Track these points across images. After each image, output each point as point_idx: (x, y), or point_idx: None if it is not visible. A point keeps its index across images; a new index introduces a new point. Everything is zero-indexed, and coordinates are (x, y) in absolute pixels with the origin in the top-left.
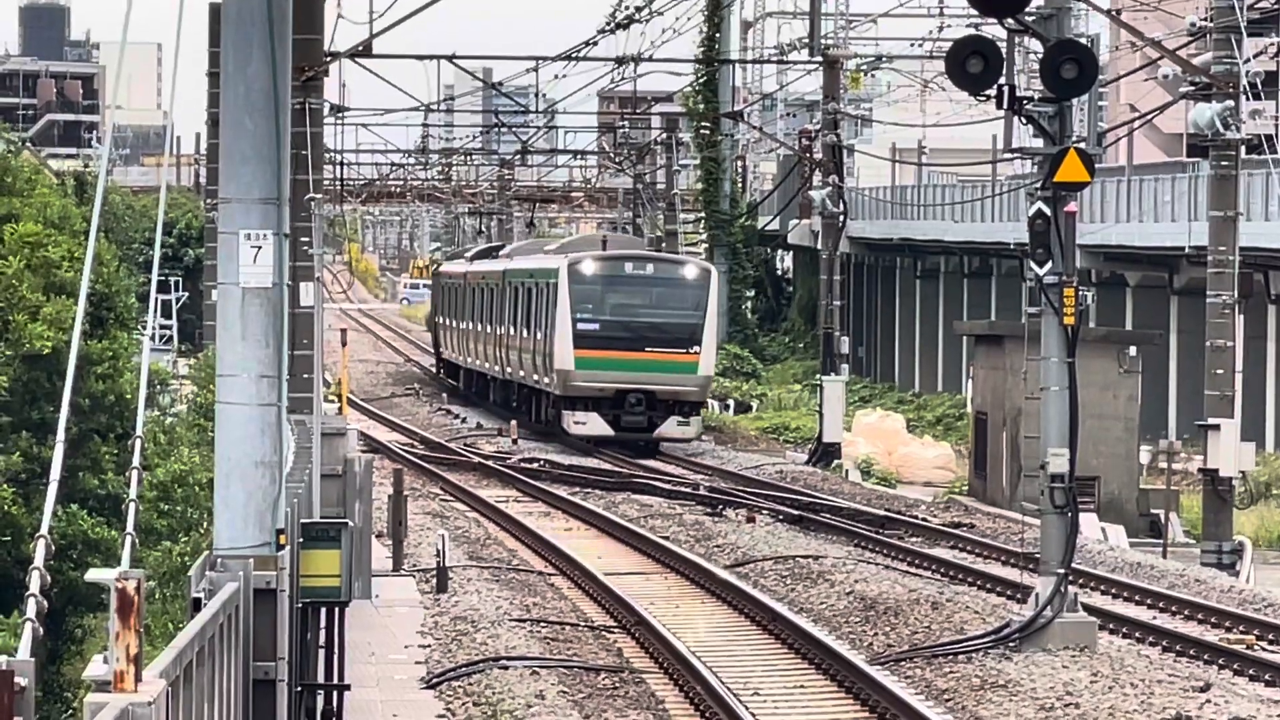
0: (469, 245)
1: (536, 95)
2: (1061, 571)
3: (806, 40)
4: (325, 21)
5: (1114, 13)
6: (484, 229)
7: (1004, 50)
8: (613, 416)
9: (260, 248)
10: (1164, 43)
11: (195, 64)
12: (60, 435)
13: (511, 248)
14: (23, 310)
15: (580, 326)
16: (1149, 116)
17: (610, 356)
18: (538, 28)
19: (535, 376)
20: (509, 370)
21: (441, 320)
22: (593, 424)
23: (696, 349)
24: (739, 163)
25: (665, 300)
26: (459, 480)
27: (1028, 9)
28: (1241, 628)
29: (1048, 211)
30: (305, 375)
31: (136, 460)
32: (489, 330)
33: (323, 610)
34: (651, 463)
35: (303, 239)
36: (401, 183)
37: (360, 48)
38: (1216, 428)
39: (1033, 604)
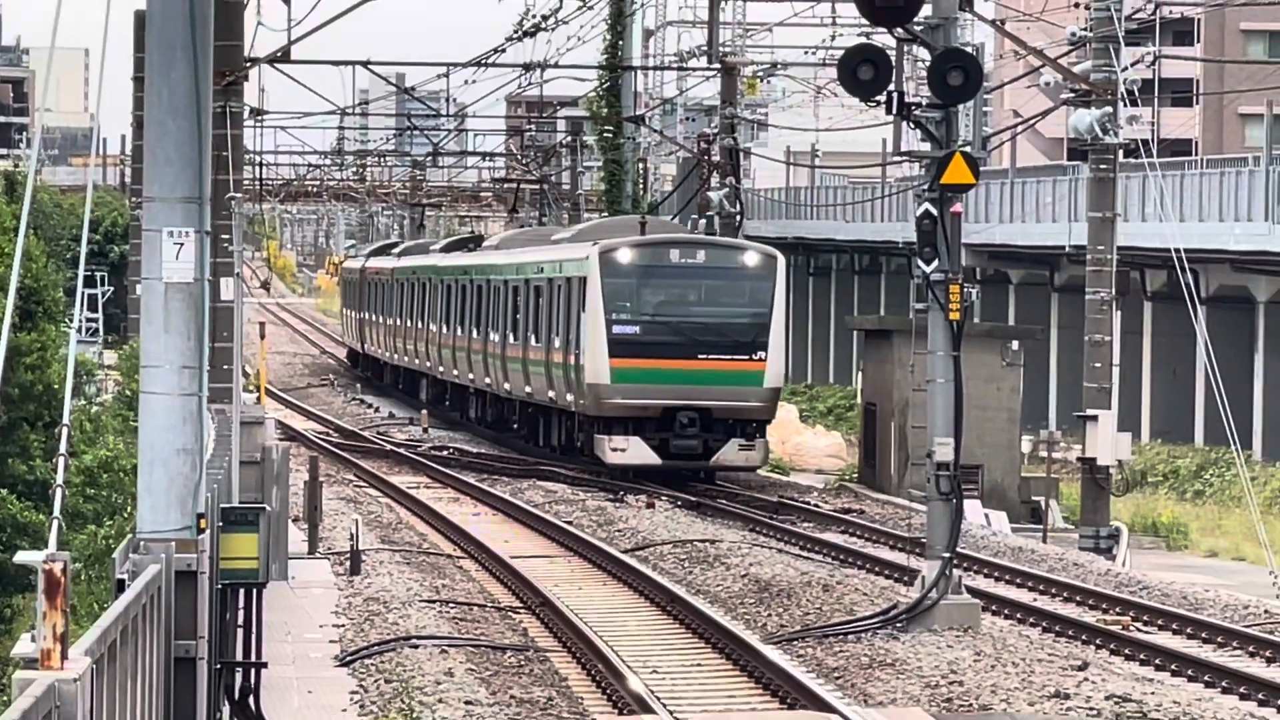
0: (415, 239)
1: (447, 100)
2: (946, 555)
3: (705, 48)
4: (245, 28)
5: (998, 23)
6: (423, 223)
7: (893, 58)
8: (659, 441)
9: (182, 244)
10: (1046, 51)
11: (121, 69)
12: None
13: (500, 238)
14: None
15: (617, 330)
16: (1031, 122)
17: (655, 366)
18: (449, 35)
19: (552, 393)
20: (506, 385)
21: (396, 322)
22: (634, 450)
23: (762, 355)
24: (640, 164)
25: (721, 295)
26: (372, 467)
27: (916, 19)
28: (1118, 609)
29: (934, 212)
30: (225, 366)
31: (63, 447)
32: (474, 337)
33: (241, 591)
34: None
35: (223, 236)
36: (318, 183)
37: (279, 54)
38: (1094, 418)
39: (919, 586)
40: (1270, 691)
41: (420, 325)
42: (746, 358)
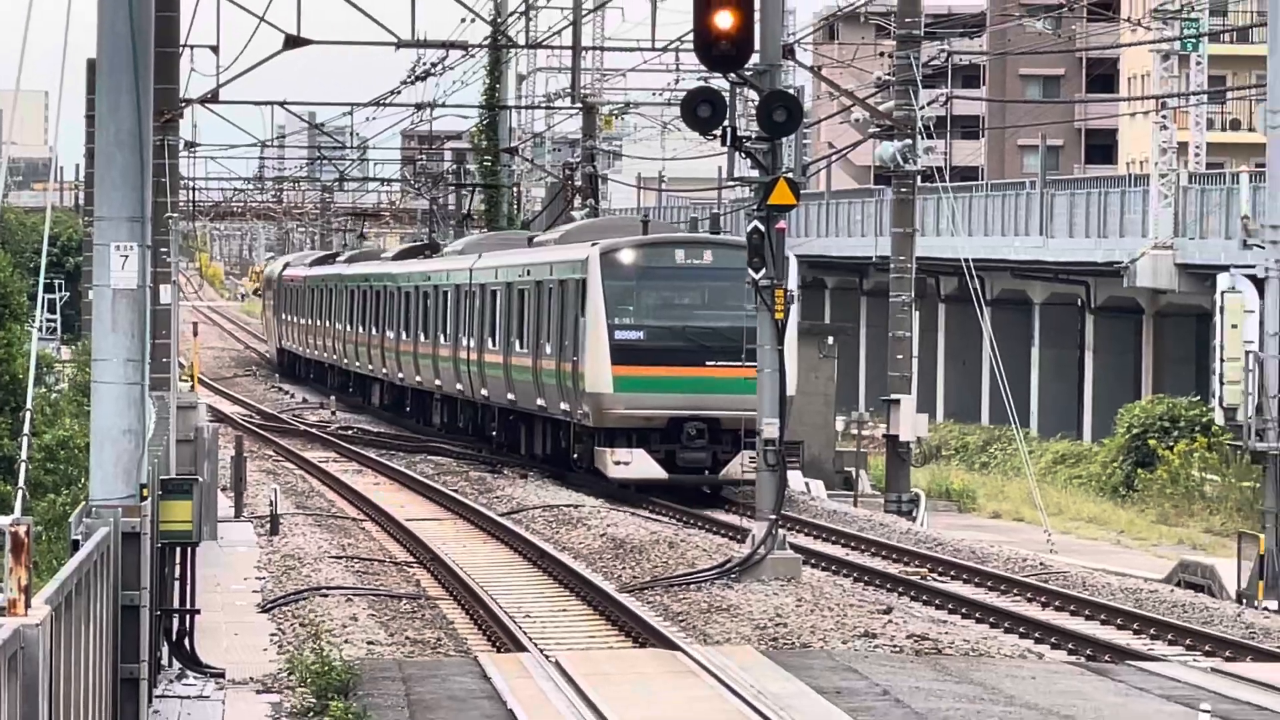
0: (378, 247)
1: (351, 133)
2: (773, 517)
3: (569, 90)
4: (181, 73)
5: (816, 69)
6: (364, 234)
7: (728, 98)
8: (665, 453)
9: (127, 256)
10: (856, 93)
11: (76, 109)
12: None
13: (464, 243)
14: None
15: (619, 336)
16: (844, 152)
17: (660, 374)
18: (353, 79)
19: (541, 401)
20: (484, 392)
21: (345, 328)
22: (638, 464)
23: None
24: (515, 189)
25: (730, 298)
26: (288, 444)
27: (746, 65)
28: (917, 562)
29: (762, 228)
30: (164, 359)
31: (27, 428)
32: (441, 342)
33: (178, 549)
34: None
35: (162, 249)
36: (242, 204)
37: (209, 95)
38: (897, 402)
39: (750, 543)
40: (1045, 631)
41: (375, 331)
42: (757, 364)
